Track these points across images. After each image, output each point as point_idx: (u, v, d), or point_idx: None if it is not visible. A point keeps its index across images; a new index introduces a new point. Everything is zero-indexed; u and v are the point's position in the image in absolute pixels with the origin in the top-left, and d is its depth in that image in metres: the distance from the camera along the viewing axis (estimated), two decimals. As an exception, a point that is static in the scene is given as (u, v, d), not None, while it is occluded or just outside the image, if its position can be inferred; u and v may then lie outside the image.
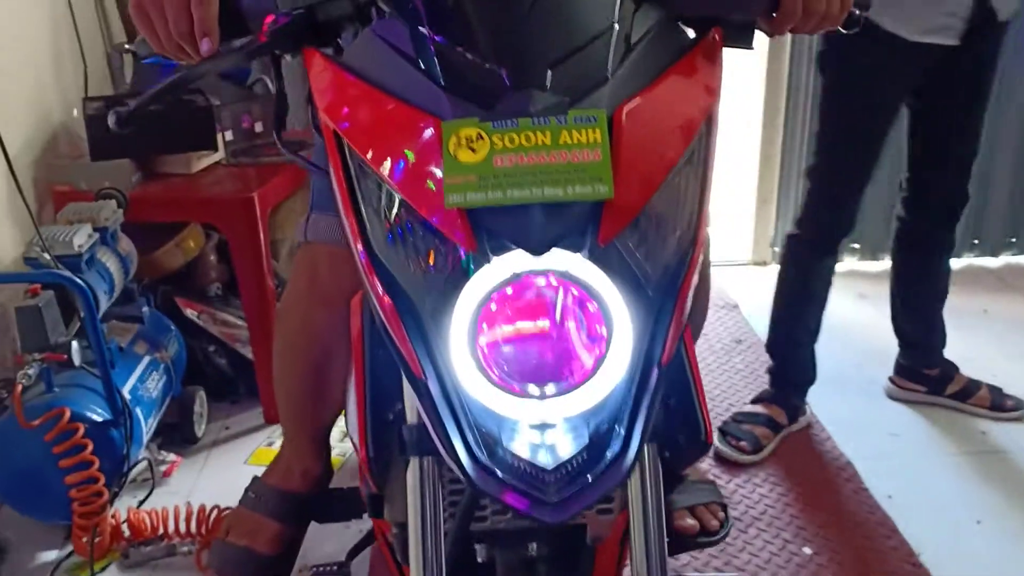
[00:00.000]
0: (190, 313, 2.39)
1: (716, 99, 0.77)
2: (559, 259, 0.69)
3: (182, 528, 1.88)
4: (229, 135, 2.49)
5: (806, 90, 2.98)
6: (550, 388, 0.72)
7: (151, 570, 1.83)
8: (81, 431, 1.76)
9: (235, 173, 2.35)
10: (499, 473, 0.71)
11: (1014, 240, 3.17)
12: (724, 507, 1.44)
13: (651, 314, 0.73)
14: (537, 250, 0.68)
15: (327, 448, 1.47)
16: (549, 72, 0.71)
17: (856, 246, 3.17)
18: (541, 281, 0.71)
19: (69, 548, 1.86)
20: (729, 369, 2.52)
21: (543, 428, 0.73)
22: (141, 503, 1.99)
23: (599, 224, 0.69)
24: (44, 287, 1.79)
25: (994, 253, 3.16)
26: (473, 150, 0.68)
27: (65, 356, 1.79)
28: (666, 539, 0.83)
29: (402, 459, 0.85)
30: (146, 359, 2.10)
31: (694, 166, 0.75)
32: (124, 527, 1.88)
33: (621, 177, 0.69)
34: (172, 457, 2.17)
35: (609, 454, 0.72)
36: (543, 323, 0.72)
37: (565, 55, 0.72)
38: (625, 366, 0.72)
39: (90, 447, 1.77)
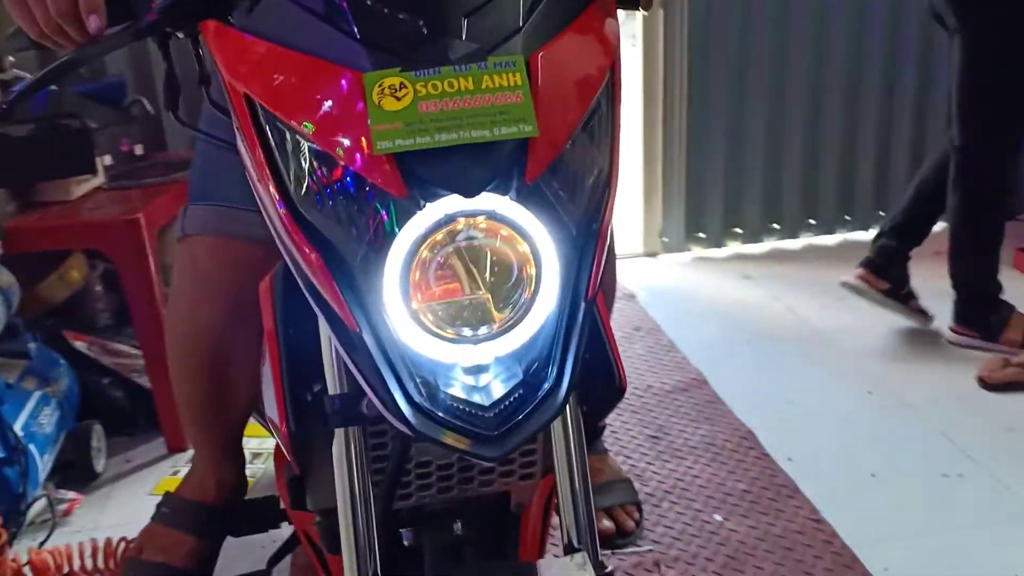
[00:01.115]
0: (80, 345, 2.31)
1: (617, 50, 0.81)
2: (489, 201, 0.70)
3: (88, 564, 1.81)
4: (108, 159, 2.43)
5: (681, 82, 3.09)
6: (483, 330, 0.73)
7: (59, 611, 1.76)
8: (-28, 472, 1.69)
9: (117, 196, 2.29)
10: (439, 415, 0.72)
11: (882, 213, 3.35)
12: (639, 506, 1.47)
13: (575, 252, 0.75)
14: (469, 192, 0.70)
15: (240, 456, 1.44)
16: (465, 20, 0.73)
17: (739, 231, 3.30)
18: (471, 224, 0.72)
19: (-33, 598, 1.78)
20: (632, 355, 2.58)
21: (477, 371, 0.74)
22: (42, 544, 1.91)
23: (523, 166, 0.71)
24: (-80, 326, 1.71)
25: (865, 227, 3.33)
26: (397, 98, 0.70)
27: (-51, 397, 1.71)
28: (590, 486, 0.86)
29: (324, 441, 0.86)
30: (36, 394, 2.02)
31: (604, 112, 0.78)
32: (26, 569, 1.80)
33: (541, 117, 0.71)
34: (72, 495, 2.08)
35: (545, 386, 0.74)
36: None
37: (478, 5, 0.74)
38: (554, 303, 0.74)
39: (-17, 488, 1.70)
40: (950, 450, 2.04)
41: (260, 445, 2.17)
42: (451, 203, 0.70)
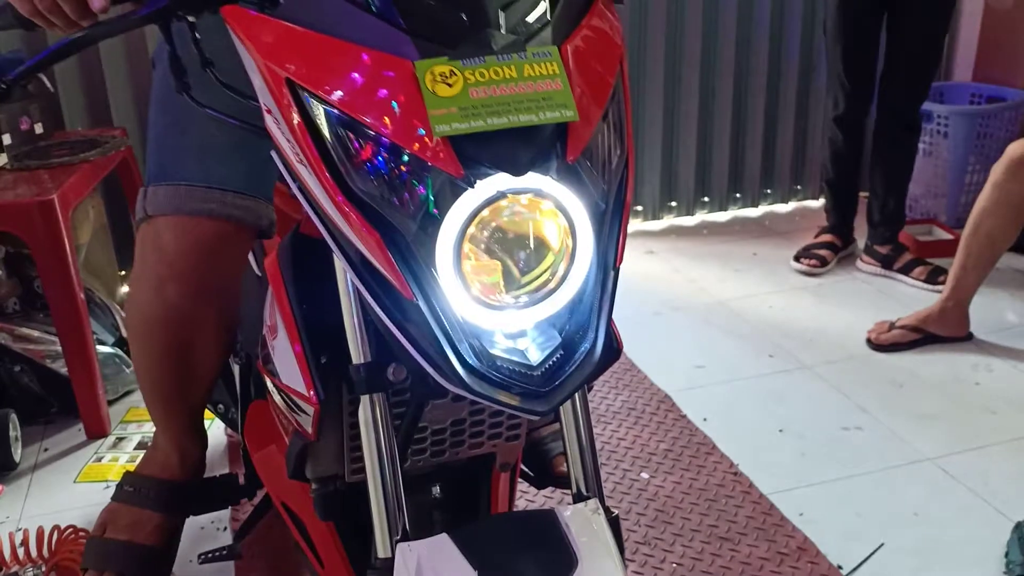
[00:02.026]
0: (-12, 332, 2.23)
1: (623, 41, 0.88)
2: (534, 180, 0.76)
3: (20, 554, 1.78)
4: (7, 138, 2.34)
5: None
6: (524, 298, 0.79)
7: (-7, 602, 1.72)
8: None
9: (25, 177, 2.21)
10: (492, 375, 0.78)
11: (768, 191, 3.56)
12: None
13: (604, 225, 0.82)
14: (518, 171, 0.75)
15: (202, 432, 1.45)
16: (502, 13, 0.79)
17: (639, 208, 3.44)
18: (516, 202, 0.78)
19: None
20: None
21: (517, 336, 0.80)
22: (-34, 536, 1.86)
23: (562, 148, 0.78)
24: None
25: (754, 204, 3.54)
26: (448, 85, 0.74)
27: None
28: (593, 437, 0.93)
29: (333, 408, 0.90)
30: (-50, 383, 1.95)
31: (618, 99, 0.85)
32: (-48, 564, 1.75)
33: (576, 103, 0.78)
34: (-9, 485, 2.03)
35: (585, 346, 0.81)
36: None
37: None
38: (587, 271, 0.81)
39: (-91, 480, 1.64)
40: (847, 405, 2.22)
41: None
42: (500, 181, 0.75)
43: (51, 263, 2.10)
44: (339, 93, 0.76)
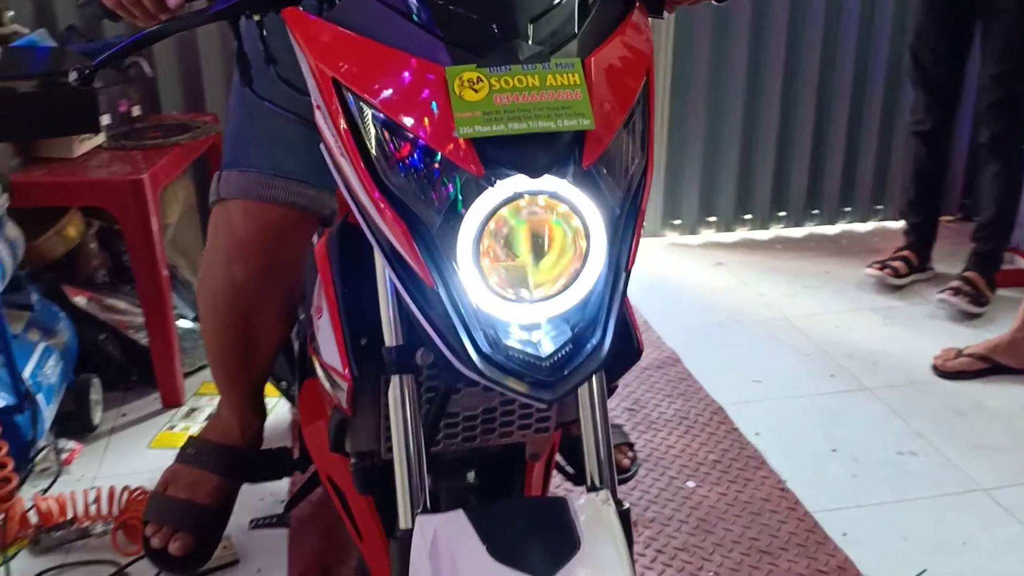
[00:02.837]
0: (78, 300, 2.37)
1: (651, 55, 0.92)
2: (551, 182, 0.82)
3: (92, 510, 1.89)
4: (107, 119, 2.47)
5: (664, 73, 3.21)
6: (538, 293, 0.84)
7: (64, 553, 1.83)
8: (-14, 417, 1.76)
9: (120, 156, 2.34)
10: (503, 363, 0.83)
11: (848, 209, 3.51)
12: (632, 447, 1.60)
13: (618, 228, 0.87)
14: (535, 173, 0.81)
15: (262, 407, 1.53)
16: (531, 26, 0.84)
17: (712, 219, 3.43)
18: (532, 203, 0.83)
19: (-25, 538, 1.84)
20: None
21: (531, 328, 0.85)
22: (46, 491, 1.98)
23: (579, 154, 0.83)
24: (-62, 274, 1.77)
25: (832, 221, 3.50)
26: (475, 91, 0.80)
27: (-36, 343, 1.77)
28: (610, 433, 0.97)
29: (364, 388, 0.95)
30: (41, 346, 2.08)
31: (642, 108, 0.89)
32: (32, 514, 1.87)
33: (595, 113, 0.83)
34: (72, 445, 2.16)
35: (592, 343, 0.86)
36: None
37: (542, 12, 0.85)
38: (599, 271, 0.85)
39: (-2, 432, 1.77)
40: (905, 430, 2.20)
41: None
42: (518, 182, 0.81)
43: (138, 239, 2.22)
44: (377, 93, 0.82)
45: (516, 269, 0.84)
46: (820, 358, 2.54)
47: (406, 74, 0.82)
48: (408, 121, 0.81)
